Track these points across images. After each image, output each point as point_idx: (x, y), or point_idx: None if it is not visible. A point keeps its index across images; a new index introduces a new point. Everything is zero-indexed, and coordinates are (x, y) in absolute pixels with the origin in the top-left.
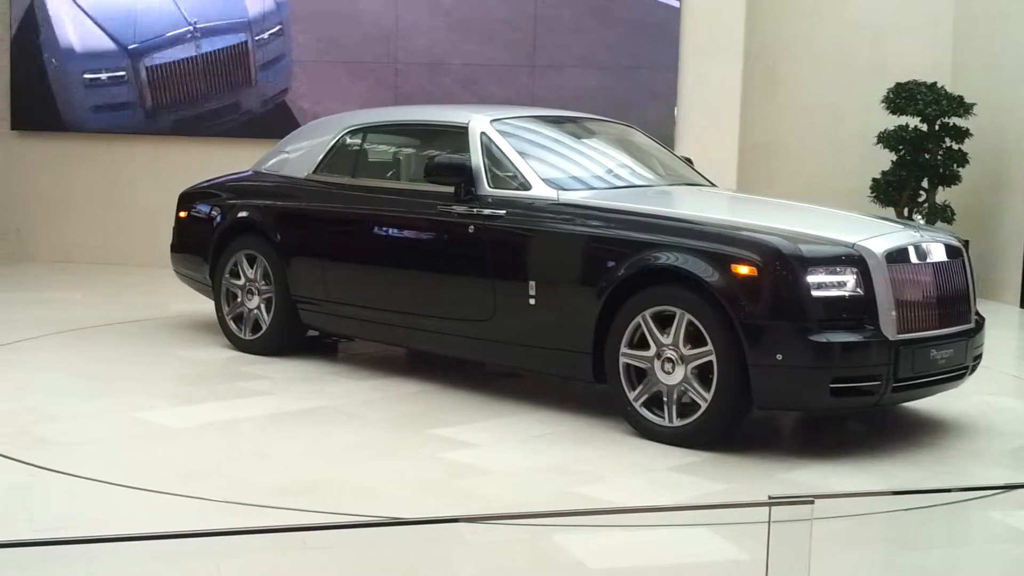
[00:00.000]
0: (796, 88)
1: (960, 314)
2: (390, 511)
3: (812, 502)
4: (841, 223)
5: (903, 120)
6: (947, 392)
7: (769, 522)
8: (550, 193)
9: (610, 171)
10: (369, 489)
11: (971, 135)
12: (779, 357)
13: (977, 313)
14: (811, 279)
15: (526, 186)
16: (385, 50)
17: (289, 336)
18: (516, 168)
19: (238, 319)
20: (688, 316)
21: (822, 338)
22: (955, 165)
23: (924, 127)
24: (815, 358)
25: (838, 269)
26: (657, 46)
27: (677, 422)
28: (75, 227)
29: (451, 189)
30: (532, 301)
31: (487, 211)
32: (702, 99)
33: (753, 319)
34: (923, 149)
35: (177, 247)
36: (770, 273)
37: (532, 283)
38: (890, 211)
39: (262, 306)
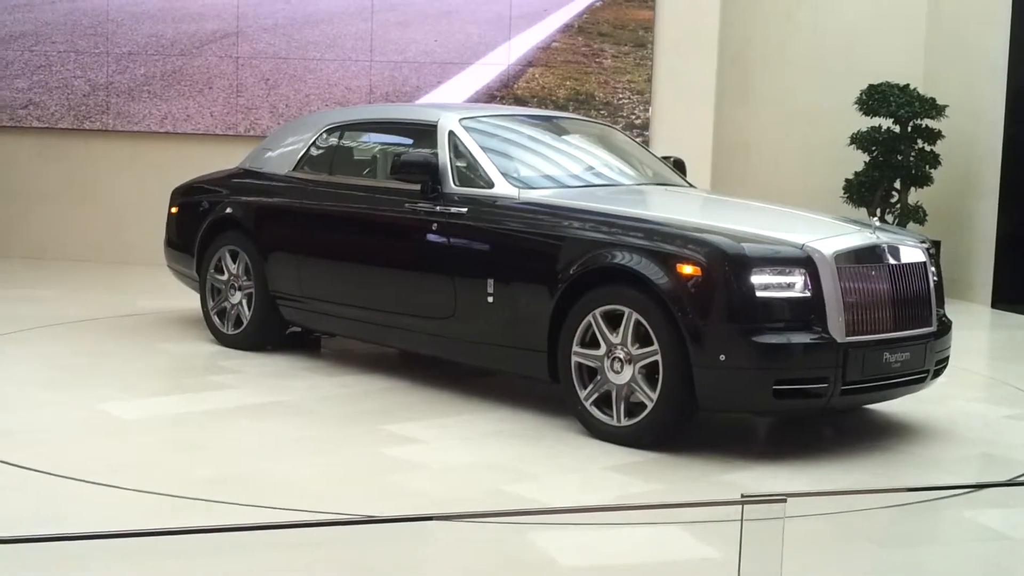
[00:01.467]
0: (770, 89)
1: (919, 317)
2: (311, 504)
3: (784, 500)
4: (796, 224)
5: (876, 122)
6: (914, 395)
7: (742, 520)
8: (511, 191)
9: (579, 170)
10: (297, 482)
11: (943, 137)
12: (722, 358)
13: (943, 316)
14: (756, 280)
15: (489, 184)
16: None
17: (269, 331)
18: (480, 166)
19: (221, 314)
20: (636, 315)
21: (765, 339)
22: (927, 166)
23: (897, 129)
24: (758, 359)
25: (785, 270)
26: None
27: (625, 422)
28: (48, 223)
29: (418, 187)
30: (490, 299)
31: (450, 209)
32: (677, 100)
33: (696, 319)
34: (895, 150)
35: (168, 243)
36: (714, 273)
37: (491, 281)
38: (862, 212)
39: (244, 301)
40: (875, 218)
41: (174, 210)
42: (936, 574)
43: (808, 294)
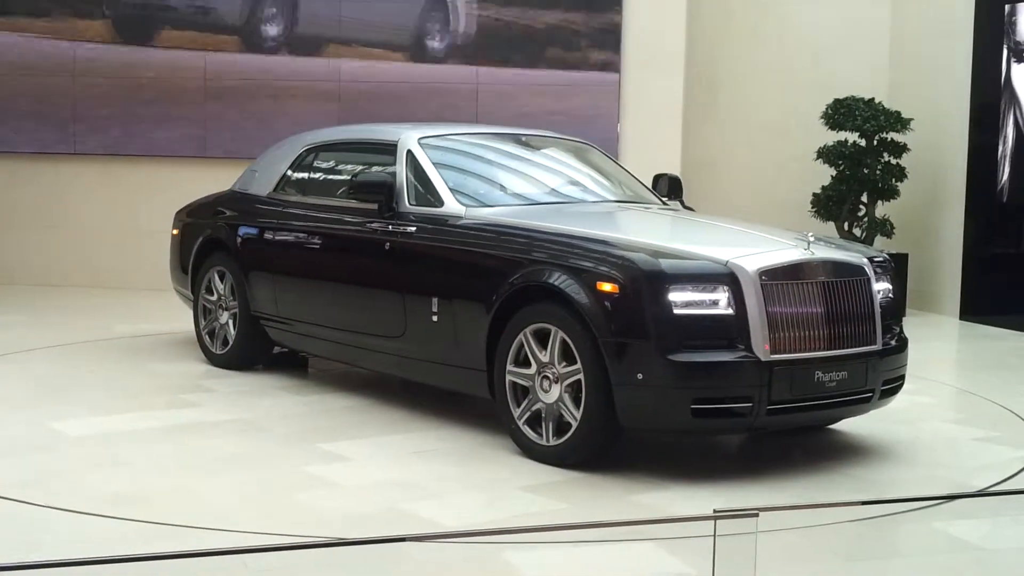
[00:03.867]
0: (737, 104)
1: (859, 334)
2: (207, 522)
3: (757, 515)
4: (731, 240)
5: (842, 136)
6: (880, 414)
7: (715, 536)
8: (458, 209)
9: (535, 188)
10: (203, 500)
11: (908, 150)
12: (640, 376)
13: (897, 333)
14: (674, 297)
15: (439, 203)
16: None
17: (256, 351)
18: (432, 184)
19: (212, 334)
20: (561, 334)
21: (682, 357)
22: (893, 179)
23: (863, 142)
24: (674, 377)
25: (707, 287)
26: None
27: (553, 441)
28: (15, 248)
29: (376, 206)
30: (435, 318)
31: (402, 228)
32: (644, 118)
33: (615, 337)
34: (862, 164)
35: (171, 264)
36: (630, 290)
37: (435, 300)
38: (831, 226)
39: (230, 322)
40: (810, 233)
41: (175, 232)
42: None
43: (731, 311)
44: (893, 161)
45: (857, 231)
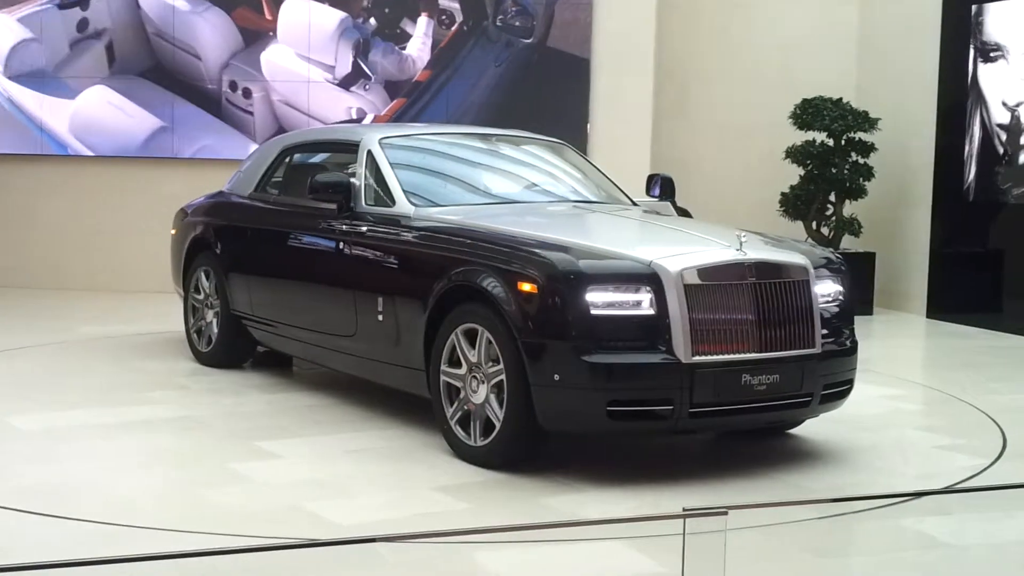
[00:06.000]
0: (707, 104)
1: (794, 337)
2: (112, 516)
3: (726, 513)
4: (663, 239)
5: (810, 135)
6: (844, 416)
7: (684, 534)
8: (408, 209)
9: (493, 188)
10: (115, 495)
11: (876, 149)
12: (556, 377)
13: (845, 336)
14: (592, 297)
15: (392, 203)
16: None
17: (238, 350)
18: (387, 184)
19: (199, 332)
20: (487, 334)
21: (597, 358)
22: (861, 179)
23: (831, 142)
24: (589, 379)
25: (628, 287)
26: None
27: (480, 441)
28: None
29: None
30: (380, 317)
31: (355, 227)
32: (614, 117)
33: (533, 337)
34: (830, 164)
35: (171, 264)
36: (547, 290)
37: (380, 299)
38: (799, 225)
39: (215, 320)
40: (743, 233)
41: (173, 232)
42: None
43: (652, 312)
44: (861, 161)
45: (825, 230)
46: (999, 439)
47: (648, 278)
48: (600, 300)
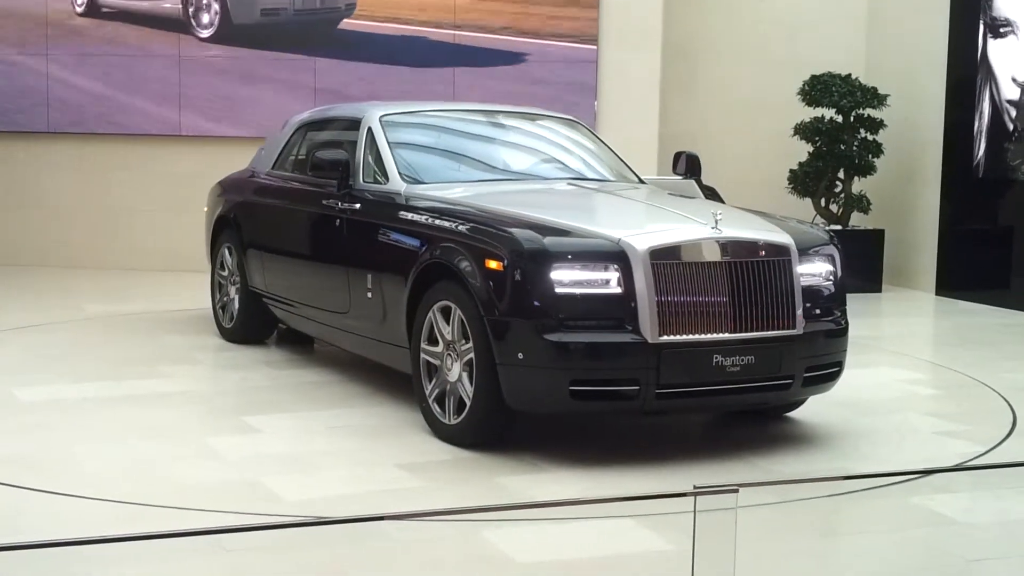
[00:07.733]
0: (715, 81)
1: (772, 318)
2: (75, 488)
3: (737, 491)
4: (637, 217)
5: (819, 112)
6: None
7: (695, 511)
8: (400, 187)
9: (490, 167)
10: (85, 467)
11: (885, 126)
12: (520, 356)
13: (834, 317)
14: (556, 275)
15: (385, 180)
16: None
17: (259, 325)
18: (383, 161)
19: (223, 308)
20: (459, 312)
21: (559, 337)
22: (870, 155)
23: (839, 118)
24: (552, 358)
25: (595, 265)
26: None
27: (453, 419)
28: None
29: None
30: (369, 294)
31: (351, 205)
32: (622, 92)
33: (498, 315)
34: (839, 140)
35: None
36: (512, 268)
37: (369, 276)
38: (807, 202)
39: (237, 297)
40: (718, 213)
41: (206, 209)
42: (887, 560)
43: (619, 290)
44: (870, 137)
45: (834, 207)
46: (1008, 421)
47: (616, 255)
48: (566, 278)
